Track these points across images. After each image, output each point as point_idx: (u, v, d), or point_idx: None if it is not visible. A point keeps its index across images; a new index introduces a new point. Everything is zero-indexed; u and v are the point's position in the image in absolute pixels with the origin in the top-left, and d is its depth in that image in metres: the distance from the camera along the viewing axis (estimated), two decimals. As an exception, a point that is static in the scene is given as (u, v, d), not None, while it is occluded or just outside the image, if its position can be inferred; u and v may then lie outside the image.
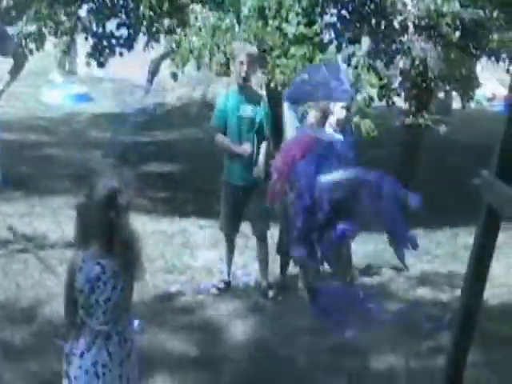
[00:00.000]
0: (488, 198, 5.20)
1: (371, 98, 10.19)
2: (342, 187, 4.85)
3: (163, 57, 15.44)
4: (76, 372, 4.33)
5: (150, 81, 18.32)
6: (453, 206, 11.18)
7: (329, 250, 4.85)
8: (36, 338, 6.41)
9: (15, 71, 8.10)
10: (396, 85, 11.46)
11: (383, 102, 11.03)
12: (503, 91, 21.02)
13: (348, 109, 7.91)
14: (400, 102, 12.07)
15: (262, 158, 7.49)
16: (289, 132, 6.84)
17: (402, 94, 11.94)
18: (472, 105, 14.06)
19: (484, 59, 12.78)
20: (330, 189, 4.80)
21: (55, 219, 9.44)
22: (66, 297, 4.37)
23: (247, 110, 7.55)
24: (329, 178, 4.90)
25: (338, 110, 7.78)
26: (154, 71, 17.75)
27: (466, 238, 9.45)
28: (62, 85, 21.50)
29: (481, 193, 5.29)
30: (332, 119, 7.80)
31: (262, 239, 7.69)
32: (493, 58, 12.28)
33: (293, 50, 9.99)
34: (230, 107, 7.60)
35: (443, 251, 9.49)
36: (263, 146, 7.53)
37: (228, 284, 7.85)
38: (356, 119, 9.45)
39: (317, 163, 5.00)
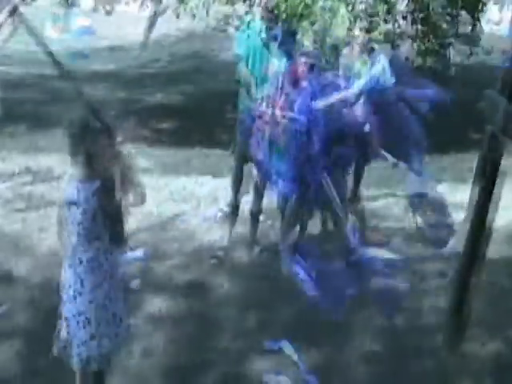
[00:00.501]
0: (492, 152, 5.17)
1: (372, 48, 10.16)
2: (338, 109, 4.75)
3: (159, 13, 15.34)
4: (62, 296, 4.51)
5: (146, 37, 18.23)
6: (452, 160, 11.16)
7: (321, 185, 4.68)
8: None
9: (15, 26, 8.03)
10: (399, 29, 11.45)
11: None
12: (501, 45, 20.86)
13: (368, 31, 7.85)
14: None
15: None
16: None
17: (406, 39, 11.92)
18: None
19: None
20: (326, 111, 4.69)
21: (59, 153, 9.41)
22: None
23: (271, 67, 7.45)
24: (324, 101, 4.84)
25: (358, 36, 7.75)
26: (149, 27, 17.65)
27: (467, 193, 9.46)
28: (65, 18, 21.30)
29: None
30: (355, 49, 7.80)
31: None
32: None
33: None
34: (252, 62, 7.50)
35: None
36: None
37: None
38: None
39: (312, 91, 4.92)
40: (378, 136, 5.36)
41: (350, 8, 11.32)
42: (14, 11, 8.14)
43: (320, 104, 4.79)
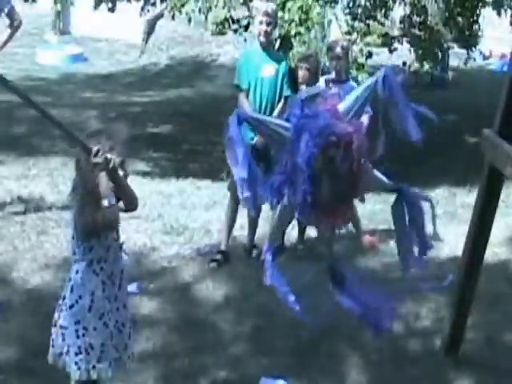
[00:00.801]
0: (490, 157, 5.18)
1: (370, 53, 10.20)
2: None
3: (158, 17, 15.32)
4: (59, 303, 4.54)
5: (145, 41, 18.25)
6: (449, 165, 11.19)
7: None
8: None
9: (12, 31, 8.01)
10: (396, 33, 11.48)
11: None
12: (500, 49, 20.90)
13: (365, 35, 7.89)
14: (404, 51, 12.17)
15: (274, 115, 7.30)
16: None
17: (404, 42, 11.95)
18: (474, 58, 13.95)
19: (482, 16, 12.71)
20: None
21: (52, 180, 9.42)
22: None
23: (269, 70, 7.43)
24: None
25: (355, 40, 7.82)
26: (149, 31, 17.64)
27: (464, 197, 9.47)
28: (57, 45, 21.39)
29: (483, 152, 5.27)
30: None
31: None
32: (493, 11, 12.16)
33: (290, 3, 9.95)
34: (252, 66, 7.48)
35: (441, 211, 9.45)
36: (279, 105, 7.39)
37: (226, 255, 7.56)
38: (353, 71, 9.43)
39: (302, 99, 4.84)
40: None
41: (347, 11, 11.38)
42: (11, 13, 8.17)
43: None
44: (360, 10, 11.11)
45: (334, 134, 4.10)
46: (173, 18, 11.58)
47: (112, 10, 12.91)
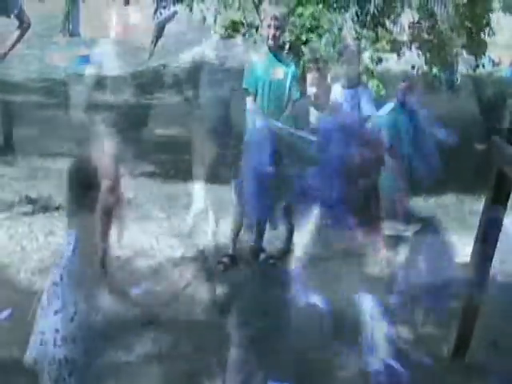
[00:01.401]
0: (499, 163, 5.18)
1: (380, 59, 10.20)
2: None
3: (167, 20, 15.34)
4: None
5: (154, 43, 18.26)
6: (457, 171, 11.15)
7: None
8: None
9: (21, 32, 8.03)
10: (405, 38, 11.51)
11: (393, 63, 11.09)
12: (509, 55, 20.85)
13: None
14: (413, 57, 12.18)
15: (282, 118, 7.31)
16: None
17: (413, 48, 11.98)
18: (483, 65, 13.92)
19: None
20: None
21: (59, 182, 9.41)
22: None
23: (278, 73, 7.43)
24: None
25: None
26: (158, 34, 17.66)
27: (472, 204, 9.44)
28: (66, 47, 21.41)
29: (492, 158, 5.27)
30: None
31: None
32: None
33: (300, 9, 9.96)
34: (260, 70, 7.47)
35: (450, 217, 9.44)
36: (288, 108, 7.38)
37: (233, 258, 7.64)
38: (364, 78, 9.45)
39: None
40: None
41: (356, 19, 11.39)
42: (20, 15, 8.19)
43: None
44: (369, 18, 11.12)
45: (364, 139, 4.10)
46: (191, 10, 11.62)
47: (127, 1, 12.95)
